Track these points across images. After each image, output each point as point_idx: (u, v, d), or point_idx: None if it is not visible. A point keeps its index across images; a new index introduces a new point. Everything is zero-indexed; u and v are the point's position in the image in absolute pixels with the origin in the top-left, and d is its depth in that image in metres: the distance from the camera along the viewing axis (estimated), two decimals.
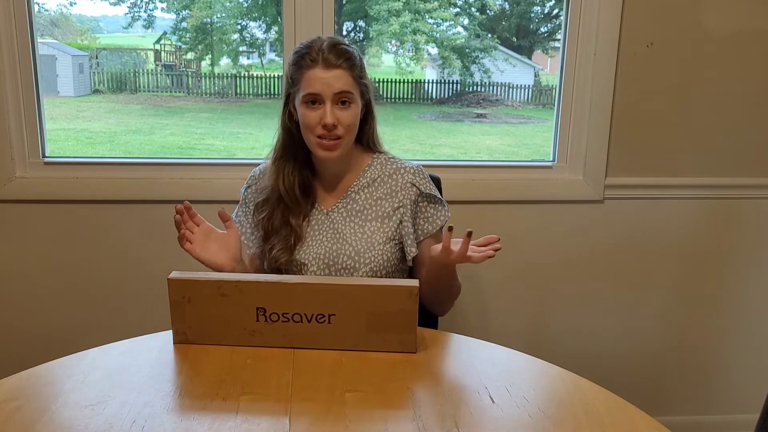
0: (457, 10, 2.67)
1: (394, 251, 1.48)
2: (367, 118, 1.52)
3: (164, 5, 2.65)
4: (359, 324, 1.20)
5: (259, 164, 1.59)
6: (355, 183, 1.52)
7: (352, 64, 1.43)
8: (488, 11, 2.71)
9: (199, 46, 2.89)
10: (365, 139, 1.54)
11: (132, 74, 3.07)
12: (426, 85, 3.15)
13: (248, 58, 2.97)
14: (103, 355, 1.21)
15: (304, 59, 1.42)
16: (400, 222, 1.49)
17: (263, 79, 3.01)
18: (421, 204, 1.51)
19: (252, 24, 2.78)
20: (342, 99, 1.41)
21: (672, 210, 2.12)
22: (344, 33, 2.57)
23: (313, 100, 1.41)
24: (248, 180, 1.59)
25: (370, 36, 2.63)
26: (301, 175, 1.50)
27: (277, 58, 2.85)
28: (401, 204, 1.49)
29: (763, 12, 1.99)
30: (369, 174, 1.53)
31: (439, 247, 1.30)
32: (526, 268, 2.14)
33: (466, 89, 3.07)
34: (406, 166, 1.53)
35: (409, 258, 1.49)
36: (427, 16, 2.60)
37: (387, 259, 1.47)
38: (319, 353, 1.21)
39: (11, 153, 1.94)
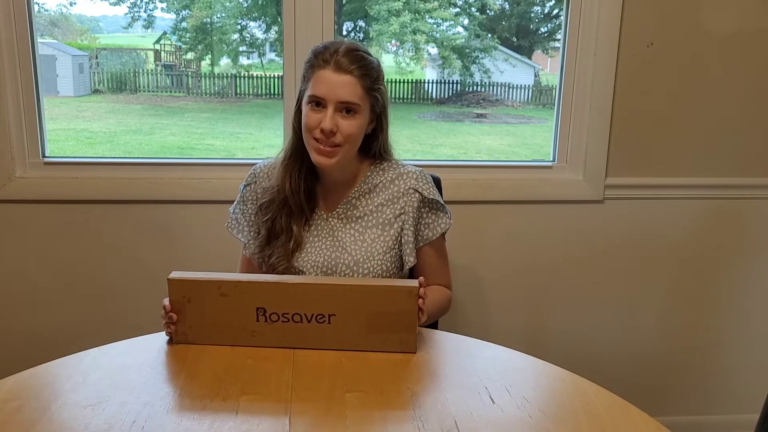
0: (457, 10, 2.67)
1: (394, 261, 1.46)
2: (376, 132, 1.46)
3: (164, 5, 2.65)
4: (359, 324, 1.20)
5: (258, 162, 1.57)
6: (356, 188, 1.48)
7: (365, 73, 1.37)
8: (488, 11, 2.71)
9: (199, 46, 2.89)
10: (373, 152, 1.49)
11: (132, 74, 3.07)
12: (426, 85, 3.15)
13: (248, 58, 2.97)
14: (102, 355, 1.21)
15: (317, 58, 1.38)
16: (401, 230, 1.46)
17: (263, 79, 3.01)
18: (423, 210, 1.48)
19: (252, 24, 2.78)
20: (347, 108, 1.37)
21: (672, 210, 2.12)
22: (344, 33, 2.56)
23: (317, 102, 1.36)
24: (248, 177, 1.54)
25: (370, 36, 2.63)
26: (306, 180, 1.46)
27: (277, 58, 2.84)
28: (402, 211, 1.46)
29: (763, 12, 1.99)
30: (371, 180, 1.49)
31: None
32: (526, 268, 2.13)
33: (466, 89, 3.07)
34: (409, 171, 1.49)
35: (407, 267, 1.47)
36: (427, 16, 2.60)
37: (386, 269, 1.44)
38: (319, 353, 1.21)
39: (11, 153, 1.94)
